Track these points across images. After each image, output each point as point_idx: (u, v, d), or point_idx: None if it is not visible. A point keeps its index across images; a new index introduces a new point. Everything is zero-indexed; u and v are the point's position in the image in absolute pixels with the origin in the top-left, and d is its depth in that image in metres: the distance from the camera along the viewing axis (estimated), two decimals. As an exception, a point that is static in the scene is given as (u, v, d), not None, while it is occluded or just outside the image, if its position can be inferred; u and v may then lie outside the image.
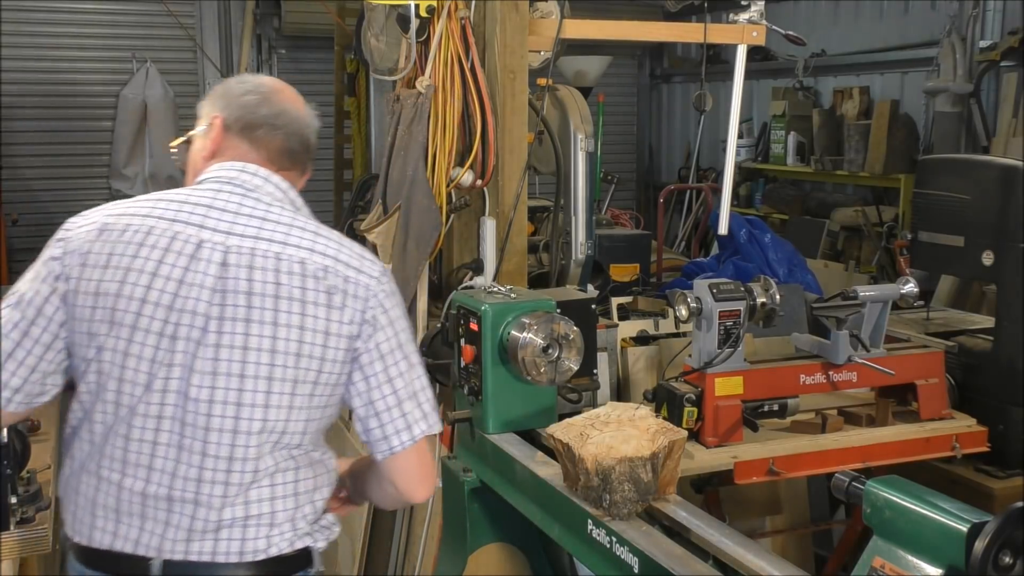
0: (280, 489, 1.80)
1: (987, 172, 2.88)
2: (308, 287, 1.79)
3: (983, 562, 1.39)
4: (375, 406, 1.84)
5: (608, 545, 2.03)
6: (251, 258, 1.78)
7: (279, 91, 1.97)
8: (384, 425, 1.85)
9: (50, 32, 7.82)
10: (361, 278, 1.83)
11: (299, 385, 1.78)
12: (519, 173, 3.14)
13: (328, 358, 1.79)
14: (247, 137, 1.91)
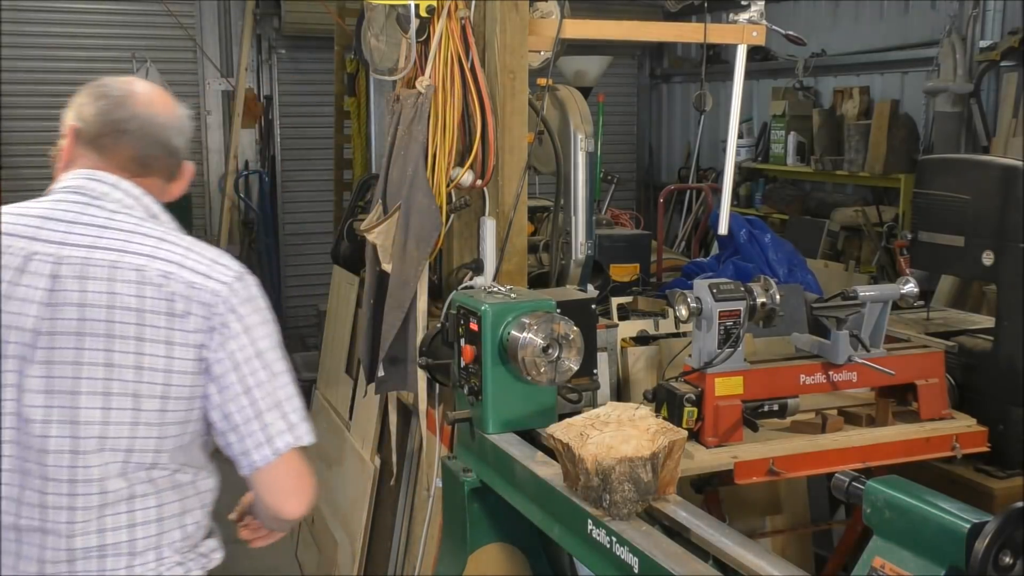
0: (140, 515, 1.71)
1: (987, 172, 2.88)
2: (146, 295, 1.69)
3: (983, 562, 1.39)
4: (232, 419, 1.74)
5: (608, 545, 2.03)
6: (83, 268, 1.69)
7: (133, 95, 1.85)
8: (244, 439, 1.74)
9: (50, 32, 7.82)
10: (208, 283, 1.73)
11: (143, 400, 1.68)
12: (519, 173, 3.14)
13: (175, 369, 1.69)
14: (95, 145, 1.82)
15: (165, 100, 1.90)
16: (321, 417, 4.80)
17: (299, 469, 1.80)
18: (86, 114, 1.82)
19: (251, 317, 1.76)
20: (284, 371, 1.78)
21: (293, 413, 1.78)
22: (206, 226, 8.46)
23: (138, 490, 1.71)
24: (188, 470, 1.79)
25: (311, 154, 8.61)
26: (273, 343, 1.78)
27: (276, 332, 1.80)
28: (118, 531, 1.69)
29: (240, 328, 1.74)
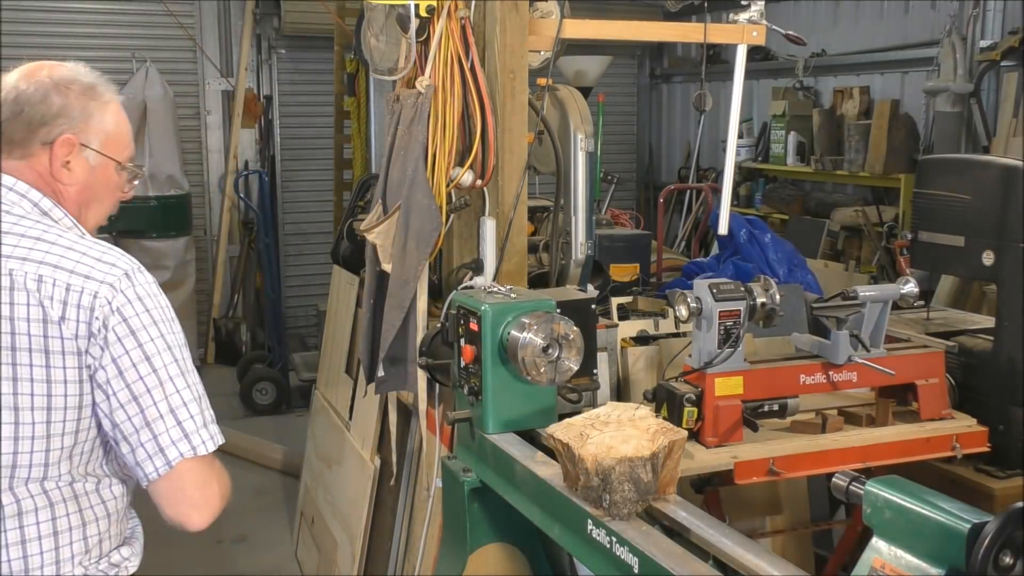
0: (31, 530, 1.62)
1: (987, 172, 2.88)
2: (17, 301, 1.57)
3: (983, 562, 1.39)
4: (121, 428, 1.62)
5: (608, 545, 2.03)
6: None
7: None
8: (135, 449, 1.63)
9: (50, 32, 7.81)
10: (88, 284, 1.59)
11: (23, 412, 1.57)
12: (519, 173, 3.14)
13: (55, 379, 1.59)
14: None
15: (29, 70, 1.74)
16: (321, 417, 4.80)
17: (199, 479, 1.67)
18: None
19: (136, 319, 1.62)
20: (180, 374, 1.65)
21: (190, 420, 1.64)
22: (206, 226, 8.47)
23: (26, 505, 1.61)
24: (90, 479, 1.69)
25: (311, 154, 8.61)
26: (166, 344, 1.64)
27: (173, 331, 1.67)
28: (10, 547, 1.61)
29: (125, 331, 1.61)
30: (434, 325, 2.92)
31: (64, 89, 1.71)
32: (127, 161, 1.81)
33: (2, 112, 1.69)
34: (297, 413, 6.93)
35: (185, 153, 8.08)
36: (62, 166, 1.71)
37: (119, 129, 1.79)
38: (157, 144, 7.75)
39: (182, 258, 7.90)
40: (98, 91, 1.75)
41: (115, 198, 1.84)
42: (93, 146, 1.74)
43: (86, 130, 1.73)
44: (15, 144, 1.70)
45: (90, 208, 1.79)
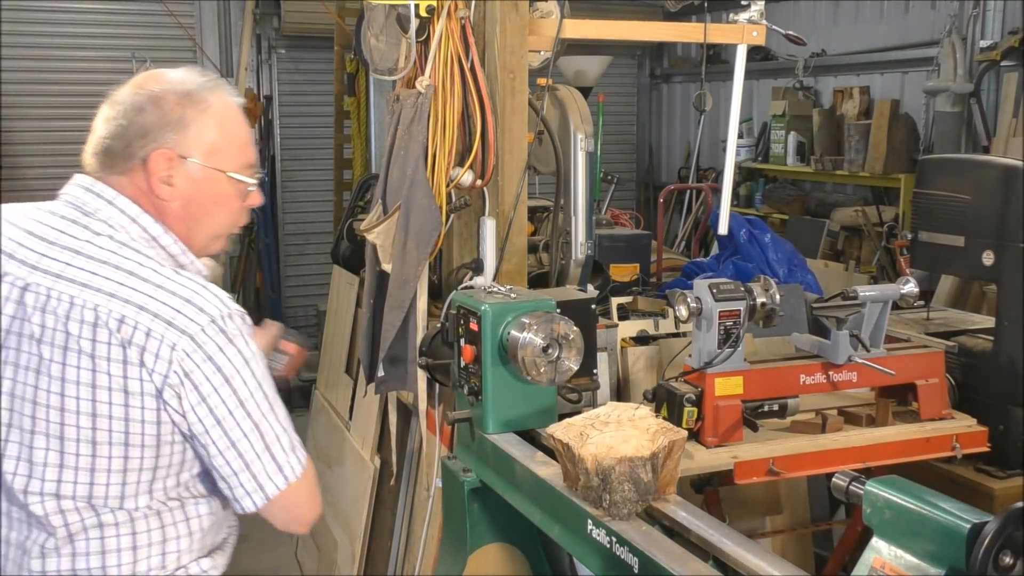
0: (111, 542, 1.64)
1: (987, 172, 2.88)
2: (99, 339, 1.54)
3: (983, 562, 1.39)
4: (220, 471, 1.63)
5: (608, 545, 2.03)
6: (46, 300, 1.56)
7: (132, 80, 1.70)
8: (233, 489, 1.65)
9: (50, 32, 7.81)
10: (168, 334, 1.53)
11: (99, 446, 1.57)
12: (519, 173, 3.14)
13: (134, 418, 1.56)
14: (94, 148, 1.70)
15: (138, 80, 1.69)
16: (321, 417, 4.80)
17: (293, 501, 1.69)
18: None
19: (229, 366, 1.58)
20: (271, 409, 1.64)
21: (282, 452, 1.65)
22: (206, 226, 8.47)
23: (107, 519, 1.62)
24: (172, 502, 1.68)
25: (311, 154, 8.61)
26: (257, 383, 1.61)
27: (260, 365, 1.63)
28: (91, 556, 1.62)
29: (219, 380, 1.57)
30: (434, 325, 2.92)
31: (159, 100, 1.63)
32: (240, 170, 1.70)
33: (108, 128, 1.66)
34: (297, 413, 6.90)
35: (185, 153, 8.08)
36: (161, 182, 1.64)
37: (225, 136, 1.67)
38: (157, 144, 7.75)
39: (182, 258, 7.90)
40: (196, 97, 1.65)
41: (231, 210, 1.73)
42: (195, 158, 1.64)
43: (183, 142, 1.64)
44: (117, 160, 1.65)
45: (200, 224, 1.70)
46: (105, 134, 1.65)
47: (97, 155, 1.67)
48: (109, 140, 1.65)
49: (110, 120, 1.65)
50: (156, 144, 1.62)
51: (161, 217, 1.67)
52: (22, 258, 1.62)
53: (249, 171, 1.71)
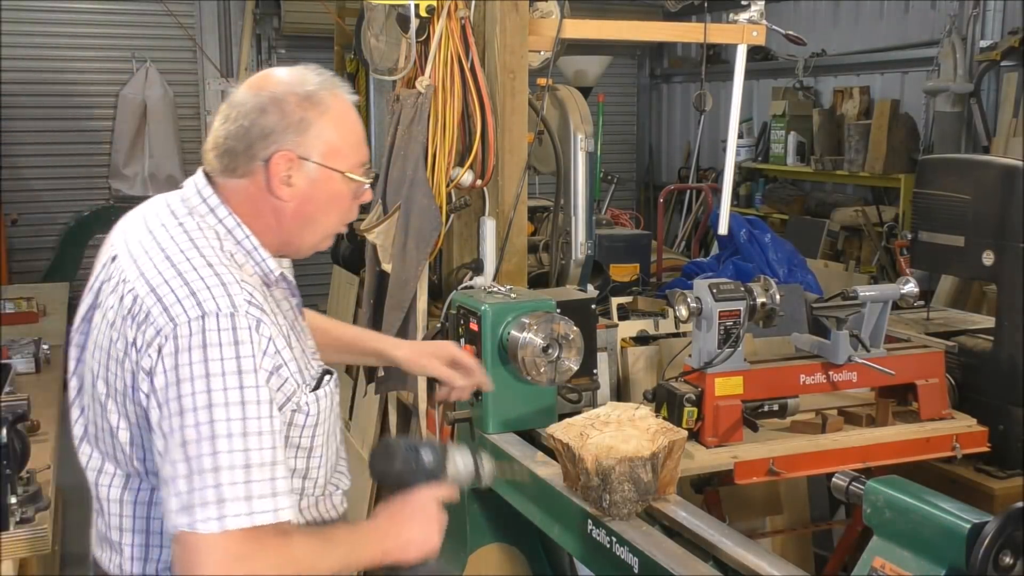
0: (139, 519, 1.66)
1: (987, 172, 2.88)
2: (120, 312, 1.57)
3: (983, 562, 1.39)
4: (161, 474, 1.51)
5: (608, 545, 2.03)
6: (114, 284, 1.62)
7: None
8: (168, 499, 1.48)
9: (50, 32, 7.82)
10: (159, 320, 1.50)
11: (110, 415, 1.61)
12: (519, 173, 3.14)
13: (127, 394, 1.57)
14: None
15: (253, 81, 1.69)
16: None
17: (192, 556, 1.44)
18: None
19: (186, 369, 1.48)
20: (211, 437, 1.45)
21: (205, 490, 1.44)
22: (206, 226, 8.48)
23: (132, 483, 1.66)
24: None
25: (311, 154, 8.61)
26: (207, 402, 1.47)
27: (231, 382, 1.49)
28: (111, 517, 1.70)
29: (173, 379, 1.48)
30: (434, 325, 2.92)
31: (281, 101, 1.63)
32: (355, 169, 1.70)
33: (228, 128, 1.64)
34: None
35: (185, 153, 8.07)
36: (281, 183, 1.64)
37: (343, 136, 1.68)
38: (157, 144, 7.76)
39: (182, 258, 7.91)
40: (316, 99, 1.64)
41: (344, 208, 1.73)
42: (314, 159, 1.64)
43: (304, 143, 1.63)
44: (239, 161, 1.64)
45: (315, 223, 1.71)
46: (226, 135, 1.64)
47: (219, 156, 1.66)
48: (231, 141, 1.64)
49: (231, 121, 1.64)
50: (277, 146, 1.63)
51: (273, 218, 1.68)
52: (120, 241, 1.70)
53: (362, 170, 1.72)
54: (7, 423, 2.26)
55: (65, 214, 7.83)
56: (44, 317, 4.42)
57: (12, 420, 2.28)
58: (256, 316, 1.54)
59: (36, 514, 2.35)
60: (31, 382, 3.39)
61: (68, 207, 7.87)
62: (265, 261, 1.67)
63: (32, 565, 2.78)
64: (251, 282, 1.60)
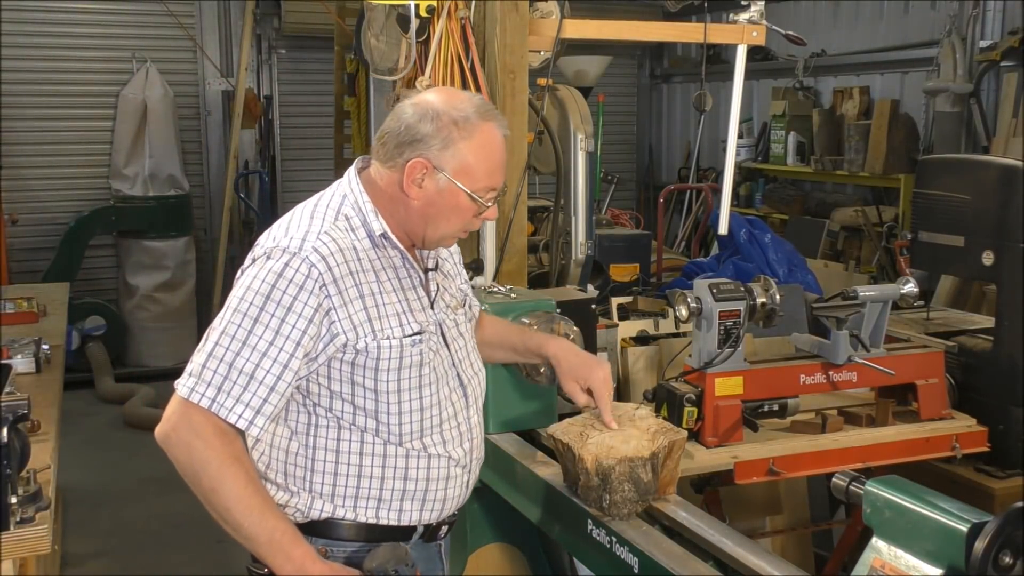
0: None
1: (987, 172, 2.88)
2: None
3: (983, 562, 1.39)
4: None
5: (608, 545, 2.03)
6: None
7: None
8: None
9: (50, 32, 7.81)
10: (256, 248, 1.91)
11: None
12: (519, 173, 3.14)
13: None
14: None
15: (432, 92, 1.98)
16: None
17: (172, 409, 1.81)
18: None
19: (243, 278, 1.86)
20: (234, 335, 1.80)
21: (205, 368, 1.79)
22: (206, 226, 8.47)
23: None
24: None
25: (311, 154, 8.61)
26: (243, 307, 1.81)
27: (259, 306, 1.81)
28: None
29: (236, 284, 1.87)
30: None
31: (438, 118, 1.89)
32: (481, 192, 1.93)
33: (393, 124, 1.93)
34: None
35: (185, 153, 8.08)
36: (412, 183, 1.91)
37: (478, 161, 1.91)
38: (157, 144, 7.75)
39: (182, 258, 7.90)
40: (467, 123, 1.90)
41: (464, 219, 1.97)
42: (446, 171, 1.90)
43: (441, 156, 1.89)
44: (387, 155, 1.93)
45: (436, 223, 1.95)
46: (388, 129, 1.94)
47: (379, 141, 1.96)
48: (389, 135, 1.93)
49: (397, 119, 1.93)
50: (419, 153, 1.90)
51: (406, 208, 1.94)
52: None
53: (489, 195, 1.96)
54: (7, 423, 2.25)
55: (65, 214, 7.82)
56: (44, 317, 4.41)
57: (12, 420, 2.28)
58: (312, 262, 1.82)
59: (36, 514, 2.35)
60: (31, 382, 3.39)
61: (68, 207, 7.86)
62: (372, 222, 1.94)
63: (32, 565, 2.77)
64: (339, 236, 1.88)
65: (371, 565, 1.85)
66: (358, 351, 1.86)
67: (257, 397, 1.79)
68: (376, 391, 1.90)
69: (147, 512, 5.19)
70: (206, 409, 1.78)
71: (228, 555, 4.67)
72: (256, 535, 1.78)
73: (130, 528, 5.02)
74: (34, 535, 2.32)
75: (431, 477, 1.97)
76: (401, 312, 1.92)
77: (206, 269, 8.33)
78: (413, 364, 1.92)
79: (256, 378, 1.79)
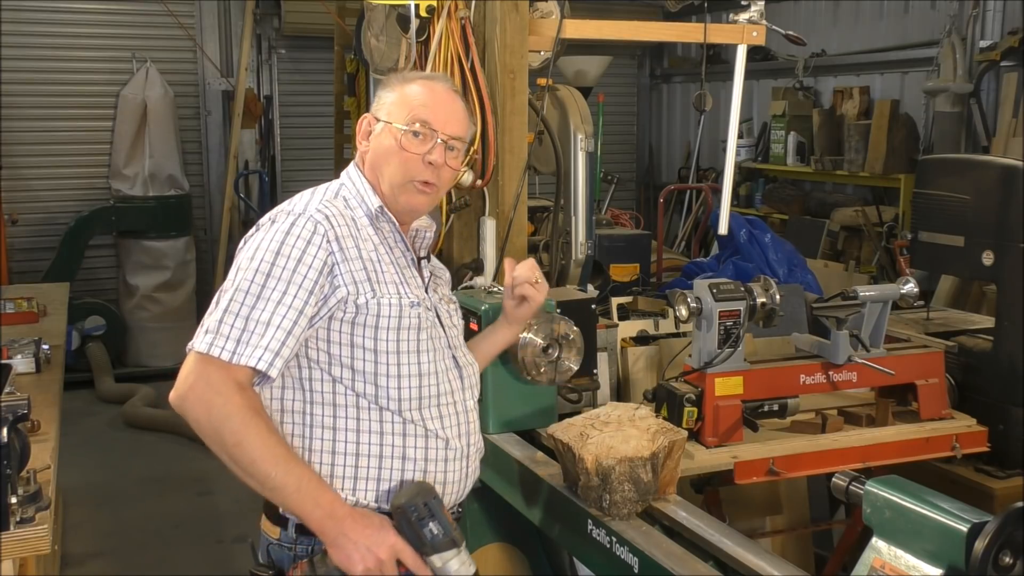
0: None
1: (987, 172, 2.88)
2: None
3: (983, 562, 1.39)
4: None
5: (608, 545, 2.03)
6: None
7: None
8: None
9: (50, 32, 7.81)
10: (266, 217, 1.97)
11: None
12: (519, 173, 3.14)
13: None
14: None
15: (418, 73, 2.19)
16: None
17: (188, 369, 1.81)
18: None
19: (251, 240, 1.92)
20: (237, 290, 1.84)
21: (222, 324, 1.81)
22: (206, 226, 8.47)
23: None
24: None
25: (311, 154, 8.61)
26: (253, 268, 1.85)
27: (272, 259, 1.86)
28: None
29: (242, 248, 1.93)
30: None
31: (387, 82, 2.09)
32: (405, 122, 2.01)
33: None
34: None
35: (185, 153, 8.07)
36: (362, 138, 2.08)
37: (404, 98, 2.03)
38: (157, 144, 7.75)
39: (182, 258, 7.90)
40: (409, 78, 2.08)
41: (404, 162, 2.01)
42: (380, 116, 2.05)
43: (379, 106, 2.07)
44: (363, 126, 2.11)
45: (382, 171, 2.03)
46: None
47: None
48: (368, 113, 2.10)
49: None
50: (369, 112, 2.09)
51: (367, 170, 2.07)
52: None
53: (417, 126, 2.01)
54: (7, 423, 2.26)
55: (65, 214, 7.82)
56: (44, 317, 4.41)
57: (12, 420, 2.28)
58: (317, 220, 1.90)
59: (36, 514, 2.35)
60: (31, 382, 3.39)
61: (68, 207, 7.86)
62: (370, 198, 2.02)
63: (32, 565, 2.77)
64: (338, 208, 1.96)
65: (400, 501, 1.85)
66: (358, 307, 1.90)
67: (276, 340, 1.81)
68: (375, 351, 1.92)
69: (147, 512, 5.19)
70: (226, 362, 1.79)
71: (228, 555, 4.67)
72: (284, 484, 1.78)
73: (130, 528, 5.02)
74: (34, 535, 2.32)
75: (429, 458, 1.97)
76: (399, 282, 1.97)
77: (206, 269, 8.33)
78: (412, 327, 1.96)
79: (273, 323, 1.82)
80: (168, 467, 5.74)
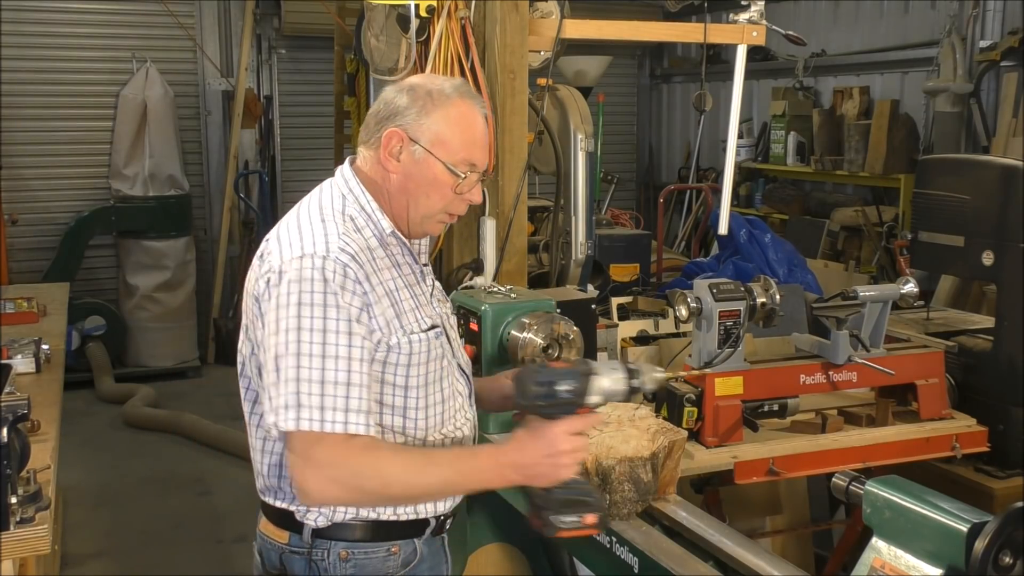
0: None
1: (987, 172, 2.88)
2: (257, 257, 1.90)
3: (983, 562, 1.39)
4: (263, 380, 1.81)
5: (608, 545, 2.03)
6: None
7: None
8: (264, 402, 1.80)
9: (50, 32, 7.81)
10: (271, 259, 1.84)
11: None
12: (519, 173, 3.14)
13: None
14: None
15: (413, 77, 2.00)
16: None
17: (291, 462, 1.77)
18: None
19: (284, 296, 1.78)
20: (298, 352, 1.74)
21: (301, 395, 1.73)
22: (206, 226, 8.47)
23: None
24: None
25: (311, 154, 8.61)
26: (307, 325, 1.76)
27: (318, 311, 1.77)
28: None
29: (274, 305, 1.78)
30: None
31: (413, 92, 1.91)
32: (459, 165, 1.92)
33: (375, 107, 1.96)
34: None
35: (185, 153, 8.07)
36: (390, 155, 1.91)
37: (453, 132, 1.91)
38: (157, 144, 7.75)
39: (182, 258, 7.90)
40: (442, 97, 1.91)
41: (443, 197, 1.95)
42: (421, 142, 1.90)
43: (416, 126, 1.89)
44: (368, 134, 1.95)
45: (416, 200, 1.94)
46: (371, 111, 1.96)
47: (364, 126, 1.98)
48: (371, 115, 1.96)
49: (378, 101, 1.96)
50: (395, 124, 1.90)
51: (386, 187, 1.94)
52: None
53: (466, 168, 1.94)
54: (7, 423, 2.26)
55: (65, 214, 7.82)
56: (44, 317, 4.41)
57: (12, 420, 2.28)
58: (344, 262, 1.80)
59: (36, 514, 2.35)
60: (31, 382, 3.39)
61: (68, 207, 7.86)
62: (380, 221, 1.93)
63: (32, 565, 2.77)
64: (354, 238, 1.86)
65: (524, 402, 1.83)
66: (390, 347, 1.85)
67: (361, 400, 1.77)
68: (406, 387, 1.89)
69: (147, 512, 5.19)
70: (319, 432, 1.73)
71: (228, 555, 4.68)
72: (446, 480, 1.82)
73: (130, 528, 5.02)
74: (34, 535, 2.32)
75: None
76: (414, 308, 1.93)
77: (206, 269, 8.32)
78: (437, 356, 1.93)
79: (353, 383, 1.76)
80: (168, 467, 5.73)
